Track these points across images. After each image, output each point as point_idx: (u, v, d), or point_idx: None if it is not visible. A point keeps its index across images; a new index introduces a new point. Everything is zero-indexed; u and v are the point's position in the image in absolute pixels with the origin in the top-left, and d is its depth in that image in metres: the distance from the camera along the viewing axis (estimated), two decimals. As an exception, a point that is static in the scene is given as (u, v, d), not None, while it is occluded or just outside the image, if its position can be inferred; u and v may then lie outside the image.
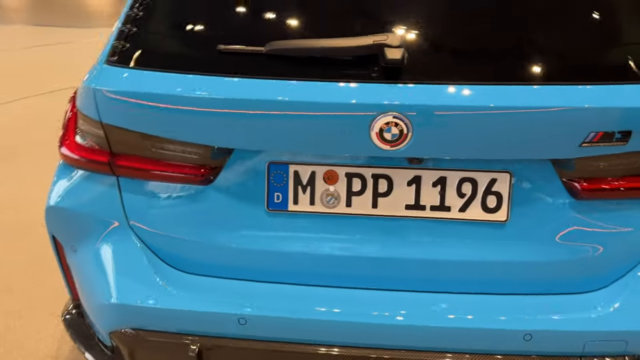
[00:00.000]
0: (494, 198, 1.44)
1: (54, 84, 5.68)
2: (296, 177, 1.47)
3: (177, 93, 1.42)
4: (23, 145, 4.22)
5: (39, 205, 1.89)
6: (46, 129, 4.35)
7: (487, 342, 1.45)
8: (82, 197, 1.61)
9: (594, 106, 1.32)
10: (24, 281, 2.68)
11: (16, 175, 3.74)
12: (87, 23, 9.56)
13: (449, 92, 1.34)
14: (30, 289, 2.62)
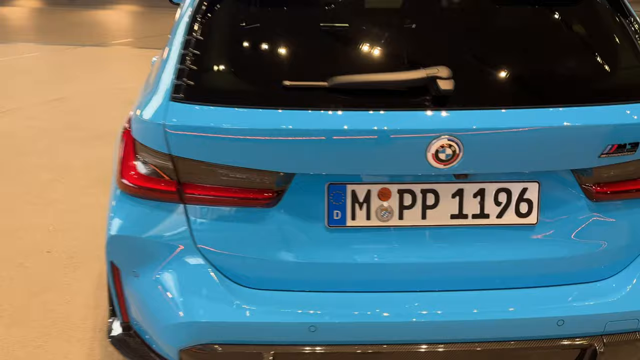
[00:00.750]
0: (525, 205, 1.67)
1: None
2: (353, 196, 1.65)
3: (244, 126, 1.57)
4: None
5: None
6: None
7: (529, 328, 1.67)
8: (147, 225, 1.72)
9: (611, 123, 1.57)
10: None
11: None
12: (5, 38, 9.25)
13: (492, 116, 1.55)
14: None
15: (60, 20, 11.15)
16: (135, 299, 1.82)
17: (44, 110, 5.45)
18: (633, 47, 1.71)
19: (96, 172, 4.08)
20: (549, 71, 1.69)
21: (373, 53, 1.70)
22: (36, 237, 3.29)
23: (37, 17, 12.04)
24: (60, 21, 11.01)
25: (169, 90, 1.66)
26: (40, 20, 11.47)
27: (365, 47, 1.71)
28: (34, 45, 8.60)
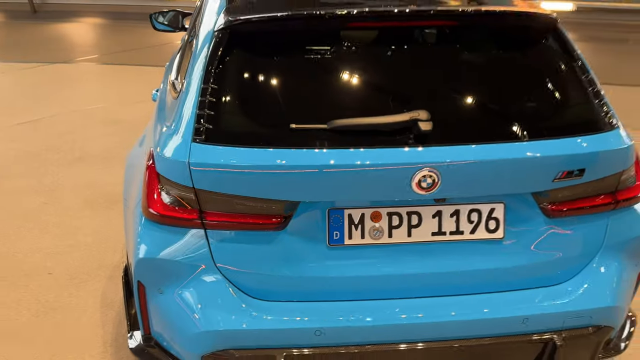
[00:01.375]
0: (493, 222, 1.99)
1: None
2: (350, 219, 1.94)
3: (255, 163, 1.85)
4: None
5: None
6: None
7: (498, 326, 1.99)
8: (172, 248, 1.97)
9: (562, 154, 1.91)
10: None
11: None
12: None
13: (464, 150, 1.87)
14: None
15: (24, 35, 11.12)
16: (159, 313, 2.07)
17: (21, 132, 5.58)
18: (580, 89, 2.06)
19: (84, 195, 4.27)
20: (510, 111, 2.02)
21: (366, 98, 2.00)
22: (36, 260, 3.47)
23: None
24: (24, 36, 10.99)
25: (190, 133, 1.91)
26: (2, 36, 11.43)
27: (359, 93, 2.02)
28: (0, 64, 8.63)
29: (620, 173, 2.03)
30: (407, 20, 2.06)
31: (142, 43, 10.09)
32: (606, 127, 2.01)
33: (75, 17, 12.76)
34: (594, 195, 2.03)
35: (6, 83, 7.55)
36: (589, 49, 9.82)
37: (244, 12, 2.07)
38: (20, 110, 6.26)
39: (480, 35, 2.14)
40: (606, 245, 2.09)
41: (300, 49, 2.05)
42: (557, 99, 2.09)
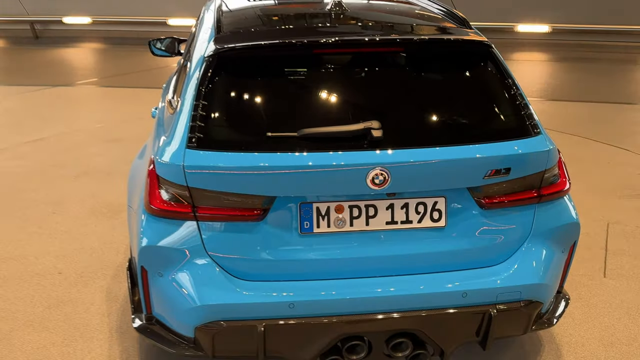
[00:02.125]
0: (437, 213, 2.39)
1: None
2: (317, 211, 2.34)
3: (239, 164, 2.26)
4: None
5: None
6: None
7: (443, 300, 2.38)
8: (170, 237, 2.36)
9: (490, 155, 2.32)
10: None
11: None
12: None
13: (410, 153, 2.28)
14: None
15: (26, 60, 11.60)
16: (159, 293, 2.46)
17: (29, 151, 5.99)
18: (509, 102, 2.48)
19: (89, 205, 4.67)
20: (448, 120, 2.44)
21: (329, 111, 2.42)
22: (46, 262, 3.86)
23: (2, 57, 12.45)
24: (27, 61, 11.46)
25: (185, 141, 2.32)
26: (6, 61, 11.88)
27: (324, 106, 2.44)
28: (5, 87, 9.06)
29: (543, 172, 2.44)
30: (363, 47, 2.49)
31: (139, 67, 10.57)
32: (530, 134, 2.43)
33: (75, 43, 13.25)
34: (521, 190, 2.44)
35: (12, 105, 7.98)
36: (563, 69, 10.36)
37: (229, 41, 2.50)
38: (27, 129, 6.68)
39: (426, 58, 2.57)
40: (534, 233, 2.50)
41: (275, 71, 2.48)
42: (488, 110, 2.51)
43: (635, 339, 3.06)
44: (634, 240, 4.06)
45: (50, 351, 3.00)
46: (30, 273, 3.72)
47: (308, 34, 2.57)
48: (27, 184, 5.09)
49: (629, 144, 6.05)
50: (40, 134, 6.50)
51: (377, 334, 2.40)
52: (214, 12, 2.99)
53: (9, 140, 6.27)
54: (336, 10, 2.84)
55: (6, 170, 5.42)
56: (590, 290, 3.48)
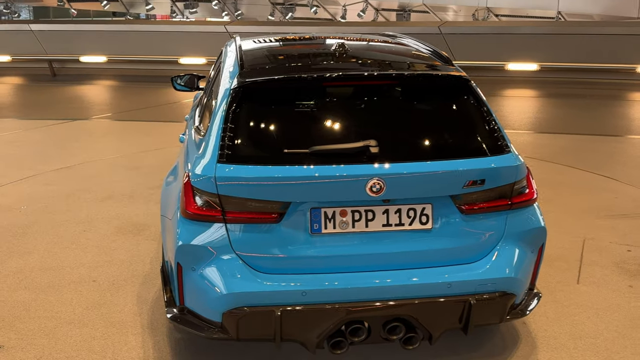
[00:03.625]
0: (425, 217, 2.88)
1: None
2: (325, 214, 2.83)
3: (262, 176, 2.75)
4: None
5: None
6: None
7: (430, 290, 2.84)
8: (202, 237, 2.84)
9: (468, 169, 2.82)
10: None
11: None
12: None
13: (402, 166, 2.78)
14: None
15: (45, 96, 12.24)
16: (192, 285, 2.92)
17: (57, 177, 6.50)
18: (484, 126, 2.98)
19: (116, 224, 5.15)
20: (433, 140, 2.95)
21: (335, 132, 2.93)
22: (81, 272, 4.32)
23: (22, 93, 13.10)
24: (45, 97, 12.10)
25: (215, 157, 2.82)
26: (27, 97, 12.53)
27: (331, 128, 2.95)
28: (27, 121, 9.65)
29: (513, 183, 2.94)
30: (363, 81, 3.02)
31: (151, 102, 11.20)
32: (501, 152, 2.93)
33: (90, 80, 13.93)
34: (495, 198, 2.93)
35: (35, 137, 8.53)
36: (552, 104, 10.96)
37: (251, 76, 3.03)
38: (52, 159, 7.22)
39: (415, 89, 3.10)
40: (506, 235, 2.97)
41: (290, 100, 3.00)
42: (467, 132, 3.02)
43: (601, 334, 3.50)
44: (606, 253, 4.52)
45: (91, 344, 3.45)
46: (68, 281, 4.18)
47: (317, 69, 3.10)
48: (57, 206, 5.59)
49: (609, 172, 6.55)
50: (65, 163, 7.03)
51: (375, 319, 2.85)
52: (235, 51, 3.53)
53: (37, 169, 6.79)
54: (340, 50, 3.38)
55: (38, 194, 5.93)
56: (565, 294, 3.93)
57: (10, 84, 13.93)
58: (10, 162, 7.13)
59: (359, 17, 23.11)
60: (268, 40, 4.00)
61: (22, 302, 3.88)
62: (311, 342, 2.85)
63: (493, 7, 21.56)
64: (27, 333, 3.54)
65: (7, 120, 9.81)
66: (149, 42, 13.62)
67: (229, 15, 25.94)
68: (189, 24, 17.36)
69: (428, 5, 22.36)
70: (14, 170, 6.75)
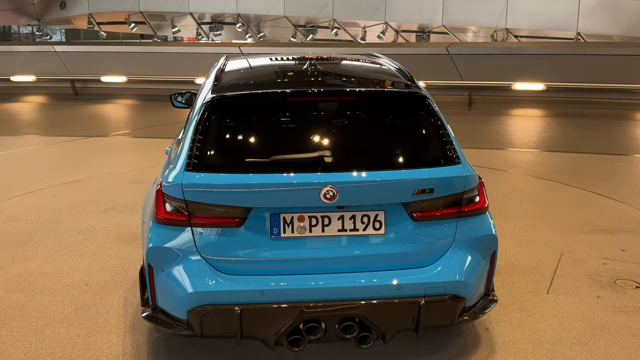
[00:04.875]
0: (378, 223, 3.06)
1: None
2: (284, 220, 3.04)
3: (223, 183, 2.98)
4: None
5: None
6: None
7: (382, 291, 3.02)
8: (170, 240, 3.07)
9: (416, 178, 3.01)
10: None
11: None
12: None
13: (354, 175, 2.98)
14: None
15: (67, 114, 12.73)
16: (161, 285, 3.14)
17: (66, 190, 6.83)
18: (437, 139, 3.17)
19: (114, 233, 5.43)
20: (385, 151, 3.15)
21: (293, 142, 3.15)
22: (76, 276, 4.58)
23: (45, 112, 13.63)
24: (67, 115, 12.59)
25: (183, 166, 3.07)
26: (49, 115, 13.04)
27: (292, 139, 3.17)
28: (46, 138, 10.08)
29: (462, 193, 3.11)
30: (323, 96, 3.24)
31: (168, 120, 11.56)
32: (451, 163, 3.12)
33: (110, 99, 14.42)
34: (445, 206, 3.10)
35: (52, 153, 8.93)
36: (556, 123, 11.04)
37: (221, 92, 3.27)
38: (64, 173, 7.57)
39: (373, 104, 3.31)
40: (456, 241, 3.14)
41: (256, 113, 3.24)
42: (420, 144, 3.22)
43: (560, 341, 3.62)
44: (581, 265, 4.63)
45: (75, 342, 3.69)
46: (62, 284, 4.44)
47: (282, 86, 3.33)
48: (61, 217, 5.89)
49: (601, 189, 6.64)
50: (75, 177, 7.37)
51: (330, 318, 3.03)
52: (215, 70, 3.79)
53: (48, 182, 7.14)
54: (310, 68, 3.61)
55: (44, 206, 6.25)
56: (532, 303, 4.05)
57: (34, 102, 14.51)
58: (24, 176, 7.50)
59: (378, 38, 23.39)
60: (252, 59, 4.26)
61: (17, 303, 4.15)
62: (270, 339, 3.04)
63: (512, 28, 21.68)
64: (18, 331, 3.80)
65: (28, 137, 10.26)
66: (167, 63, 14.08)
67: (252, 37, 26.48)
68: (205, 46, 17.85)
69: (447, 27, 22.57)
70: (26, 183, 7.10)
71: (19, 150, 9.06)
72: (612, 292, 4.22)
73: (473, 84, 12.14)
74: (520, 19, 20.61)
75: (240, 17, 24.69)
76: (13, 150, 9.04)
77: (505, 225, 5.48)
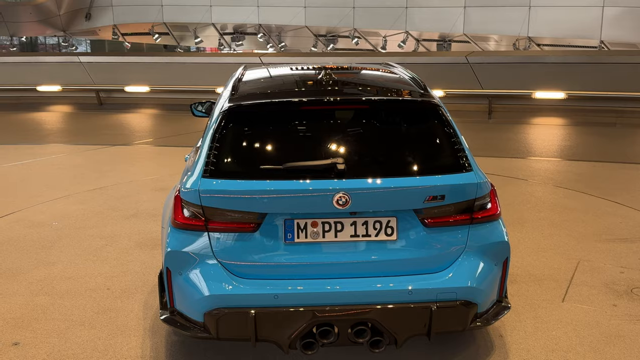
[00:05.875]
0: (390, 229, 3.12)
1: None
2: (297, 225, 3.11)
3: (241, 189, 3.06)
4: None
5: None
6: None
7: (394, 296, 3.07)
8: (188, 244, 3.16)
9: (428, 185, 3.06)
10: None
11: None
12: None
13: (366, 182, 3.05)
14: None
15: (91, 123, 12.99)
16: (179, 288, 3.23)
17: (90, 197, 6.99)
18: (450, 147, 3.22)
19: (136, 239, 5.55)
20: (397, 159, 3.21)
21: (307, 150, 3.22)
22: (98, 281, 4.70)
23: (70, 121, 13.93)
24: (91, 124, 12.85)
25: (201, 173, 3.16)
26: (74, 123, 13.33)
27: (304, 147, 3.24)
28: (71, 146, 10.31)
29: (474, 200, 3.15)
30: (337, 105, 3.31)
31: (190, 129, 11.73)
32: (462, 170, 3.16)
33: (134, 109, 14.67)
34: (456, 213, 3.15)
35: (77, 160, 9.13)
36: (577, 132, 10.96)
37: (238, 100, 3.37)
38: (88, 181, 7.74)
39: (385, 112, 3.37)
40: (468, 248, 3.18)
41: (270, 121, 3.32)
42: (432, 152, 3.27)
43: (573, 348, 3.62)
44: (598, 274, 4.62)
45: (96, 344, 3.79)
46: (85, 288, 4.56)
47: (297, 95, 3.41)
48: (85, 223, 6.04)
49: (620, 198, 6.60)
50: (99, 184, 7.53)
51: (342, 322, 3.08)
52: (233, 79, 3.89)
53: (72, 189, 7.31)
54: (326, 78, 3.68)
55: (68, 212, 6.40)
56: (547, 311, 4.06)
57: (59, 112, 14.82)
58: (49, 183, 7.68)
59: (399, 47, 23.44)
60: (269, 69, 4.35)
61: (41, 306, 4.27)
62: (284, 342, 3.10)
63: (534, 37, 21.58)
64: (42, 332, 3.92)
65: (53, 145, 10.49)
66: (189, 73, 14.30)
67: (274, 47, 26.72)
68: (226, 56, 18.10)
69: (469, 35, 22.54)
70: (51, 190, 7.28)
71: (45, 159, 9.27)
72: (628, 300, 4.20)
73: (493, 92, 12.12)
74: (543, 28, 20.51)
75: (262, 28, 24.95)
76: (39, 159, 9.26)
77: (522, 234, 5.48)
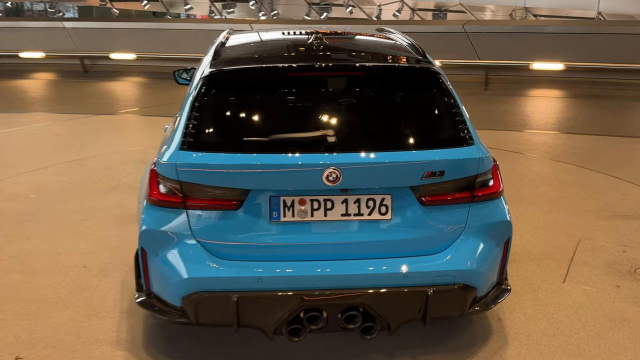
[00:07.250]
0: (384, 207, 2.87)
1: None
2: (284, 203, 2.85)
3: (222, 163, 2.79)
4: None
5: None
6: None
7: (388, 280, 2.84)
8: (164, 222, 2.91)
9: (426, 160, 2.80)
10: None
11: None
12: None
13: (359, 156, 2.78)
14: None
15: (75, 91, 12.59)
16: (155, 270, 2.99)
17: (69, 168, 6.70)
18: (449, 117, 2.96)
19: (116, 214, 5.28)
20: (393, 131, 2.94)
21: (294, 121, 2.95)
22: (74, 258, 4.45)
23: (53, 89, 13.51)
24: (75, 92, 12.45)
25: (178, 145, 2.88)
26: (57, 92, 12.92)
27: (291, 117, 2.97)
28: (54, 115, 9.95)
29: (475, 176, 2.90)
30: (327, 71, 3.03)
31: (177, 98, 11.34)
32: (464, 144, 2.90)
33: (120, 77, 14.24)
34: (456, 190, 2.90)
35: (59, 130, 8.79)
36: (576, 104, 10.70)
37: (221, 65, 3.08)
38: (70, 151, 7.43)
39: (381, 80, 3.09)
40: (468, 227, 2.94)
41: (253, 89, 3.04)
42: (430, 123, 3.01)
43: (576, 332, 3.42)
44: (599, 253, 4.42)
45: (69, 325, 3.55)
46: (60, 266, 4.31)
47: (284, 60, 3.12)
48: (63, 196, 5.76)
49: (620, 173, 6.38)
50: (81, 155, 7.23)
51: (332, 307, 2.85)
52: (215, 44, 3.59)
53: (52, 160, 7.01)
54: (316, 42, 3.39)
55: (46, 184, 6.12)
56: (547, 293, 3.85)
57: (43, 79, 14.37)
58: (30, 153, 7.37)
59: (394, 16, 22.97)
60: (255, 33, 4.05)
61: (12, 285, 4.02)
62: (269, 328, 2.87)
63: (532, 7, 21.18)
64: (11, 314, 3.67)
65: (36, 114, 10.13)
66: (177, 40, 13.85)
67: (266, 15, 26.14)
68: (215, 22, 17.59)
69: (465, 5, 22.10)
70: (31, 160, 6.98)
71: (26, 128, 8.93)
72: (632, 281, 4.00)
73: (490, 63, 11.79)
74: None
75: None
76: (20, 127, 8.91)
77: (520, 210, 5.26)
